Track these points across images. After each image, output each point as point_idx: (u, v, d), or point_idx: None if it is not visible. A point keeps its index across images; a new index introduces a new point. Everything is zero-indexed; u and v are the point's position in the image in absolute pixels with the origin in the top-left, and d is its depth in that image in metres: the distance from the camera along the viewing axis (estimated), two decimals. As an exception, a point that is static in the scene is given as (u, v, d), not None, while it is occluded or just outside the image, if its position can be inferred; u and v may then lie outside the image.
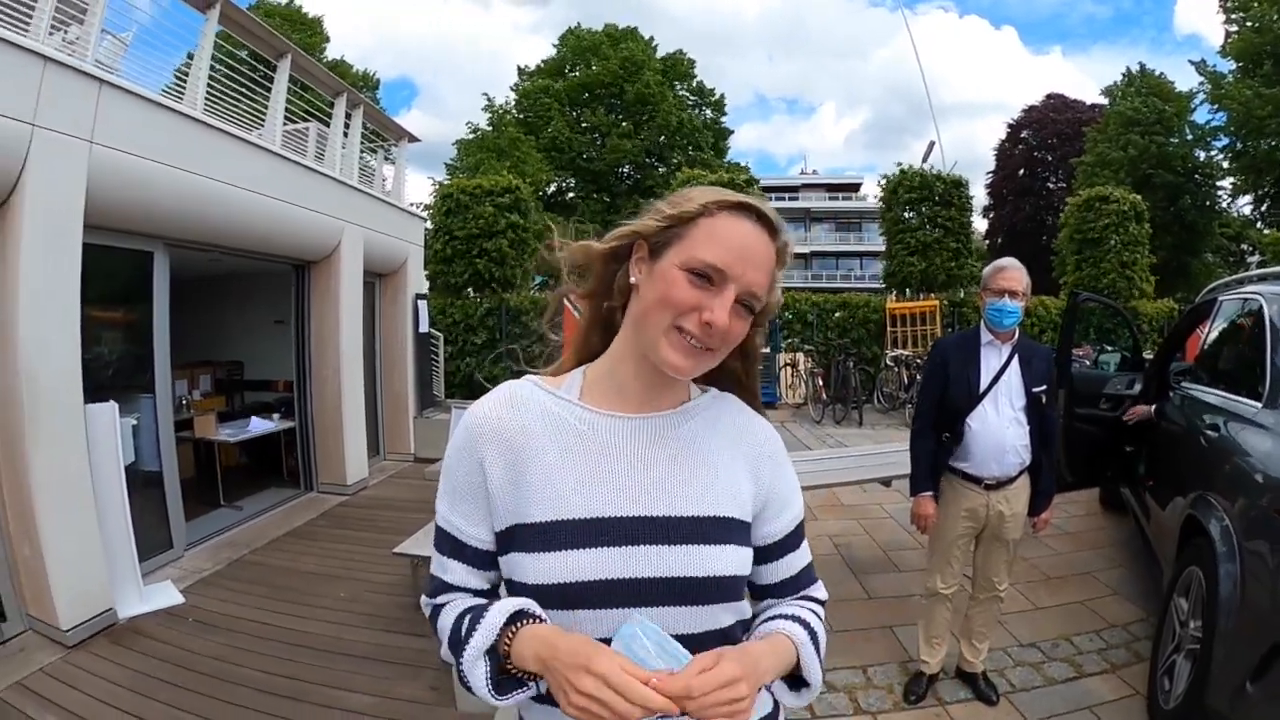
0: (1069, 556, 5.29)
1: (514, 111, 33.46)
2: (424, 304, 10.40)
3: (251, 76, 6.95)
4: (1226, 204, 26.77)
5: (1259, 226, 25.93)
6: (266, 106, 7.03)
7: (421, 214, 11.46)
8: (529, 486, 1.07)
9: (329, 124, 8.26)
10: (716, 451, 1.15)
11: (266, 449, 8.21)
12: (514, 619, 1.02)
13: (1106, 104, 28.83)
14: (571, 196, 33.40)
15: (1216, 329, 4.54)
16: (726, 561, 1.08)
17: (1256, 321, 3.66)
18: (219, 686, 3.77)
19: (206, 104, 5.95)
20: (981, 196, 32.43)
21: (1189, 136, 26.31)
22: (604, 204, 31.90)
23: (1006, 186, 32.45)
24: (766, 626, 1.16)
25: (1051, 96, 32.92)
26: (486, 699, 1.03)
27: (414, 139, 10.78)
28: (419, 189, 25.81)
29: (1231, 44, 23.03)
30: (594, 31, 34.64)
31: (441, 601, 1.18)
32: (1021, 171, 32.42)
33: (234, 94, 6.67)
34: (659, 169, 32.94)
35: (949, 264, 14.13)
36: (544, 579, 1.03)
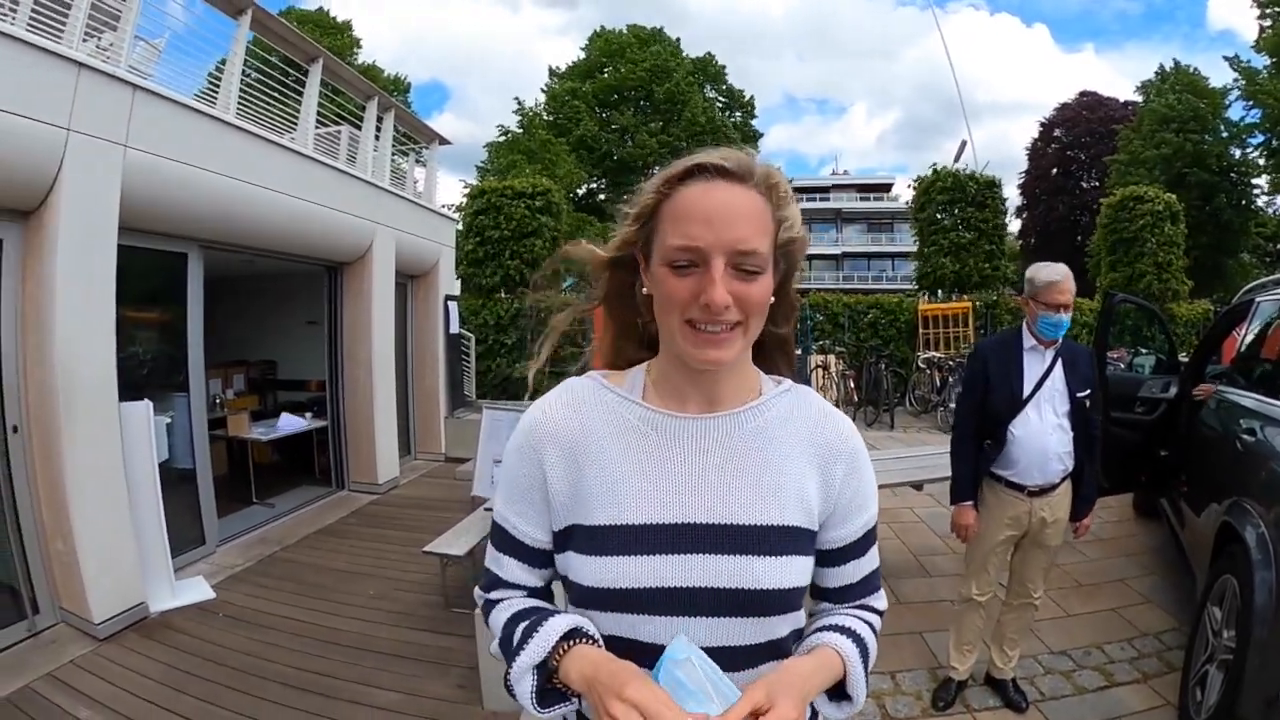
0: (1101, 563, 5.20)
1: (543, 114, 33.57)
2: (454, 305, 10.45)
3: (283, 81, 7.03)
4: (1263, 202, 26.26)
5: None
6: (299, 110, 7.12)
7: (453, 216, 11.52)
8: (589, 488, 1.06)
9: (360, 127, 8.33)
10: (785, 454, 1.10)
11: (299, 448, 8.29)
12: (567, 636, 1.01)
13: (1140, 101, 28.38)
14: (602, 199, 33.42)
15: (1253, 331, 4.44)
16: (788, 574, 1.05)
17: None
18: (249, 681, 3.81)
19: (239, 108, 6.03)
20: (1014, 196, 32.08)
21: (1224, 134, 25.82)
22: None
23: (1039, 186, 32.04)
24: (818, 637, 1.12)
25: (1084, 94, 32.45)
26: (529, 709, 1.03)
27: (444, 141, 10.84)
28: (450, 191, 25.93)
29: (1265, 39, 22.51)
30: (621, 33, 34.68)
31: (496, 598, 1.17)
32: (1055, 171, 32.00)
33: (266, 98, 6.75)
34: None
35: (983, 266, 13.97)
36: (600, 583, 1.02)
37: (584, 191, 33.28)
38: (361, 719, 3.53)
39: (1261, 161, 24.72)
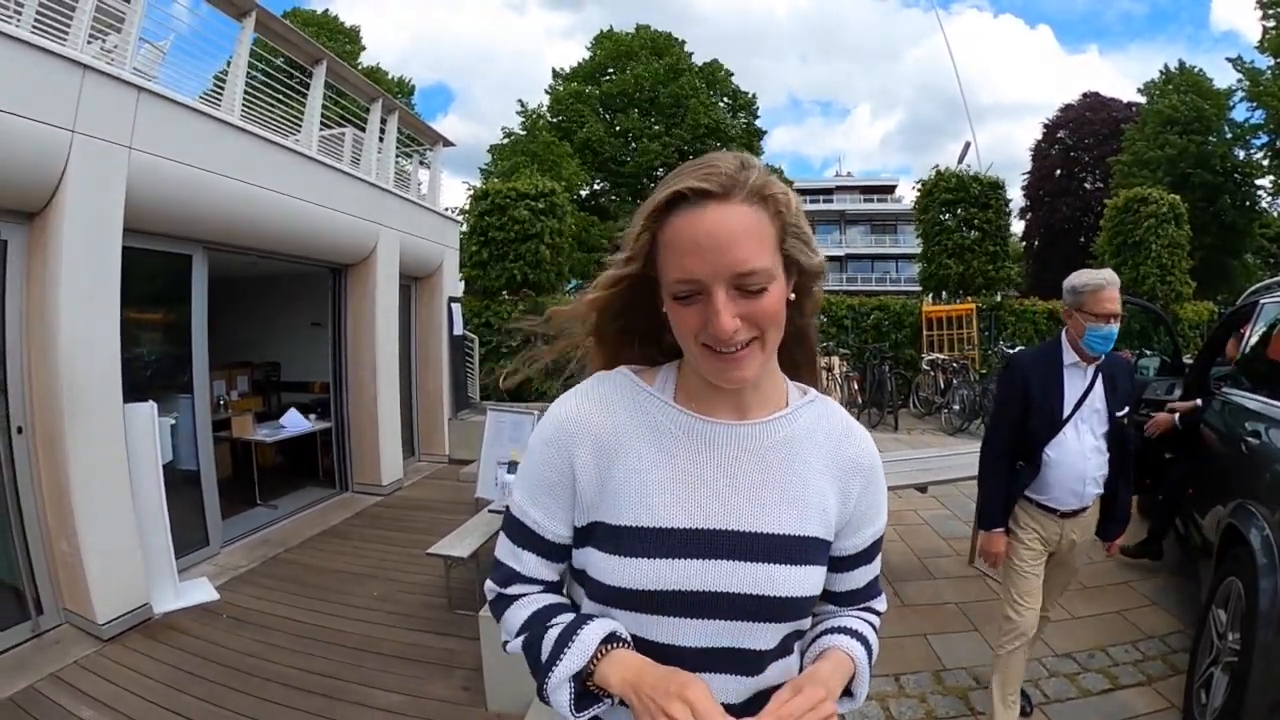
0: (1106, 565, 5.17)
1: (548, 115, 33.57)
2: (458, 307, 10.46)
3: (288, 83, 7.04)
4: (1267, 203, 26.16)
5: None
6: (303, 112, 7.13)
7: (456, 218, 11.53)
8: (616, 486, 1.06)
9: (364, 129, 8.34)
10: (808, 464, 1.11)
11: (303, 449, 8.29)
12: (604, 643, 1.02)
13: (1143, 102, 28.32)
14: (604, 200, 33.41)
15: (1258, 332, 4.43)
16: (806, 582, 1.08)
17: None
18: (252, 682, 3.81)
19: (244, 110, 6.04)
20: (1018, 198, 32.00)
21: (1228, 135, 25.73)
22: (636, 207, 31.86)
23: (1043, 187, 31.94)
24: (827, 640, 1.16)
25: (1088, 95, 32.32)
26: (566, 716, 1.03)
27: (448, 143, 10.85)
28: (454, 193, 25.93)
29: (1270, 40, 22.45)
30: (629, 35, 34.66)
31: (512, 593, 1.17)
32: (1059, 172, 31.88)
33: (270, 100, 6.77)
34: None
35: (986, 267, 13.95)
36: (622, 583, 1.03)
37: (587, 193, 33.26)
38: (365, 720, 3.54)
39: (1266, 163, 24.66)
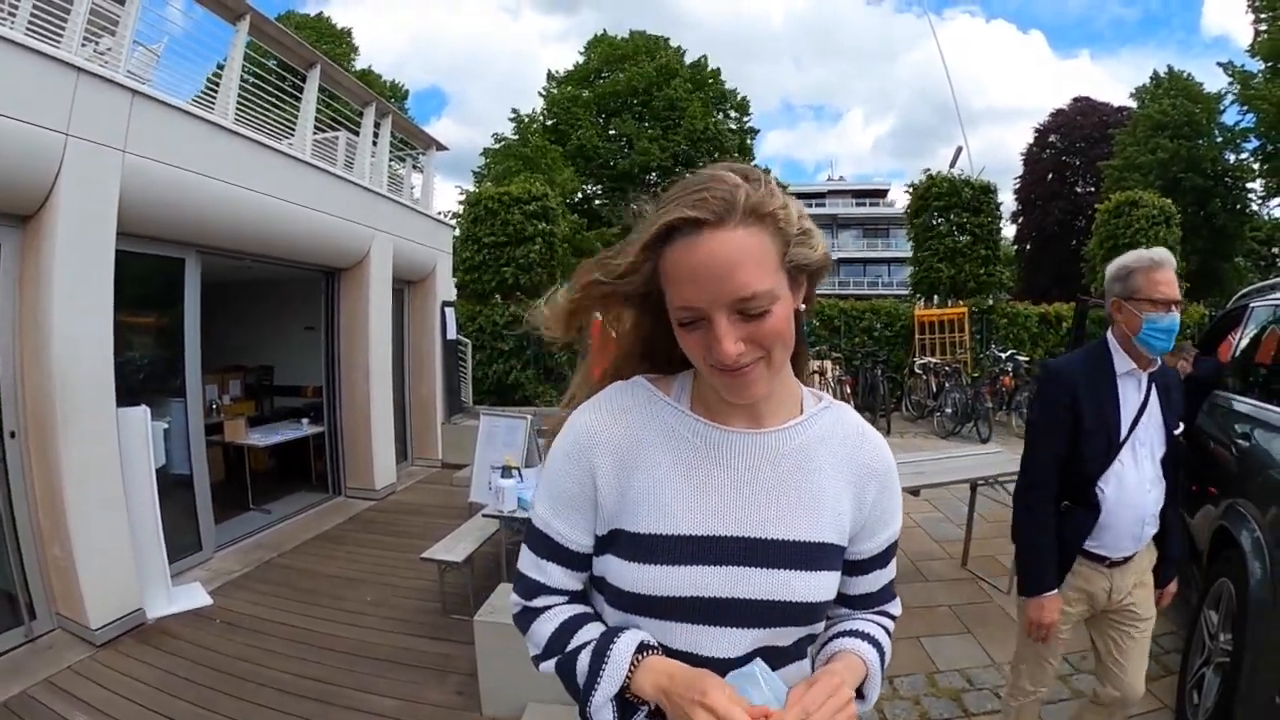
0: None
1: (541, 119, 33.55)
2: (451, 311, 10.45)
3: (281, 86, 7.04)
4: (1257, 207, 26.29)
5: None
6: (296, 116, 7.13)
7: (450, 222, 11.54)
8: (635, 495, 1.07)
9: (358, 133, 8.34)
10: (823, 471, 1.12)
11: (295, 453, 8.26)
12: (636, 651, 1.03)
13: (1134, 107, 28.49)
14: (599, 204, 33.38)
15: (1248, 336, 4.45)
16: (821, 588, 1.09)
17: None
18: (246, 687, 3.79)
19: (237, 113, 6.04)
20: (1010, 202, 32.15)
21: (1218, 139, 25.88)
22: (630, 210, 31.71)
23: (1035, 191, 32.05)
24: (840, 643, 1.18)
25: (1078, 99, 32.48)
26: None
27: (442, 147, 10.85)
28: (448, 197, 25.91)
29: (1261, 44, 22.51)
30: (623, 39, 34.67)
31: (538, 605, 1.18)
32: (1050, 176, 31.99)
33: (264, 103, 6.76)
34: (686, 176, 32.77)
35: (978, 271, 14.00)
36: (641, 589, 1.04)
37: (580, 197, 33.22)
38: (359, 725, 3.53)
39: (1256, 166, 24.76)
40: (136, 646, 4.26)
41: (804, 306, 1.05)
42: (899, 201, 38.80)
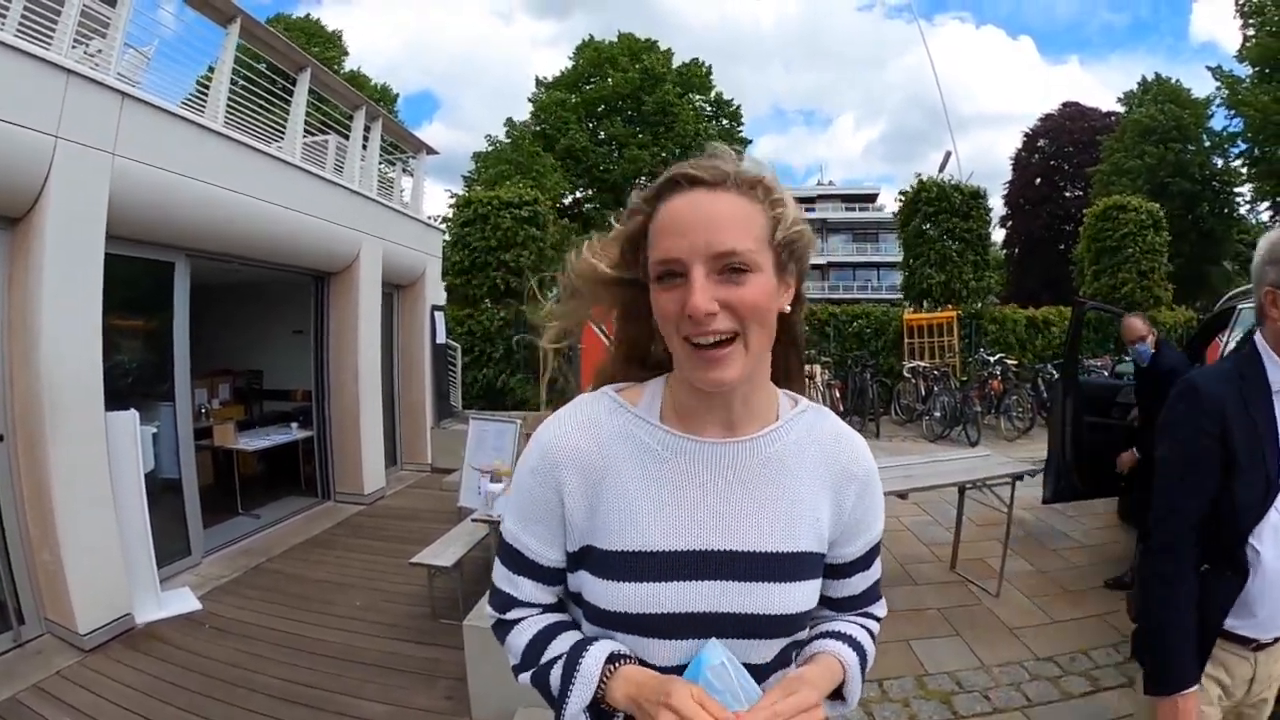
0: (1086, 569, 5.24)
1: (531, 124, 33.56)
2: (441, 315, 10.45)
3: (271, 90, 7.03)
4: (1245, 211, 26.55)
5: (1279, 234, 25.69)
6: (286, 119, 7.12)
7: (439, 226, 11.54)
8: (606, 511, 1.05)
9: (348, 136, 8.34)
10: (801, 478, 1.10)
11: (285, 458, 8.21)
12: (607, 663, 1.03)
13: (1122, 111, 28.70)
14: (589, 208, 33.40)
15: (1235, 339, 4.50)
16: (800, 598, 1.08)
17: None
18: (235, 693, 3.78)
19: (227, 116, 6.03)
20: (999, 206, 32.34)
21: (1206, 143, 26.13)
22: (620, 214, 31.77)
23: (1024, 196, 32.29)
24: (820, 644, 1.17)
25: (1068, 105, 32.75)
26: None
27: (432, 151, 10.86)
28: (437, 201, 25.86)
29: (1249, 49, 22.74)
30: (611, 43, 34.71)
31: (512, 618, 1.17)
32: (1039, 180, 32.23)
33: (254, 107, 6.74)
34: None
35: (968, 277, 14.06)
36: (616, 606, 1.03)
37: (570, 201, 33.24)
38: (349, 730, 3.52)
39: (1244, 170, 24.97)
40: (125, 651, 4.24)
41: (790, 309, 1.06)
42: (889, 206, 38.94)
